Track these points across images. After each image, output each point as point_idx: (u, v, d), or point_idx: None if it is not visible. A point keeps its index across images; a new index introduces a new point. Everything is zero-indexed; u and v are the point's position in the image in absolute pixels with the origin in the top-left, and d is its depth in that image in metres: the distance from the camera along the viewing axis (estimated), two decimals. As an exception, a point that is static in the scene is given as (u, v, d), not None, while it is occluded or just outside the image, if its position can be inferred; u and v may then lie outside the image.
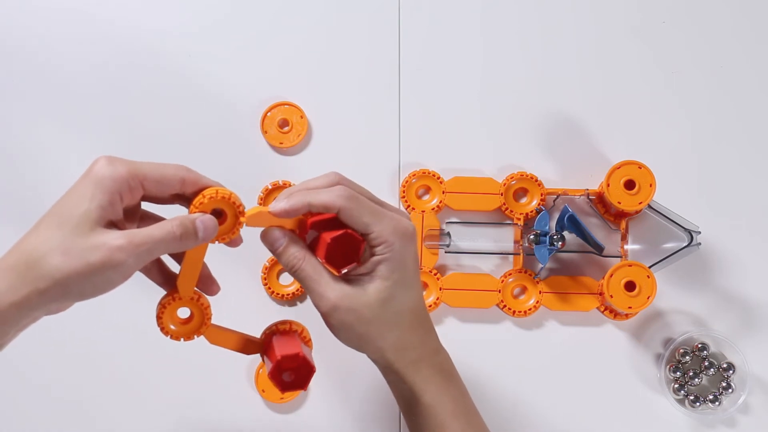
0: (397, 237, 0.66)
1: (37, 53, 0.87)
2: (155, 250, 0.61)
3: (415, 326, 0.69)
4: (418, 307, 0.68)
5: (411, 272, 0.67)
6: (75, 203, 0.60)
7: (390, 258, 0.65)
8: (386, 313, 0.67)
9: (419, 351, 0.68)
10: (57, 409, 0.83)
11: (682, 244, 0.81)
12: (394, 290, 0.67)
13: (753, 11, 0.88)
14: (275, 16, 0.88)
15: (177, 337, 0.71)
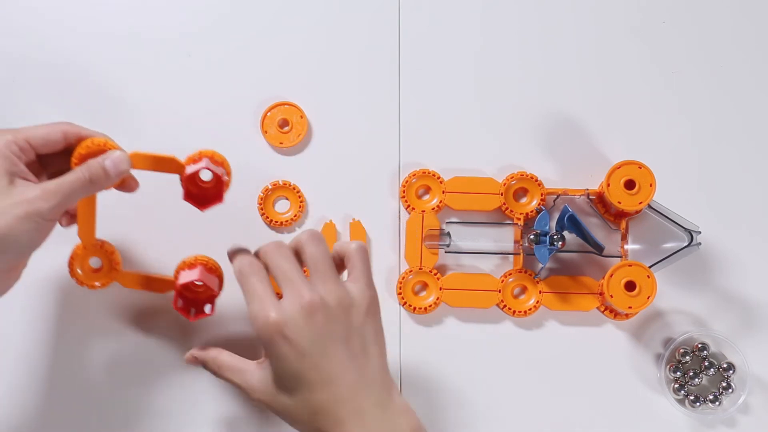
0: (255, 319, 0.66)
1: (35, 52, 0.87)
2: (71, 195, 0.67)
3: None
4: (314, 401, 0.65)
5: (294, 372, 0.65)
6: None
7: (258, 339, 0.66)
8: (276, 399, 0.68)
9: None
10: (53, 406, 0.83)
11: (682, 244, 0.81)
12: (277, 382, 0.67)
13: (753, 11, 0.88)
14: (275, 16, 0.88)
15: (91, 284, 0.79)
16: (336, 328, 0.66)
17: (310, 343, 0.65)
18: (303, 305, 0.65)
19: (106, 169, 0.69)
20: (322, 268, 0.67)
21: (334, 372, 0.65)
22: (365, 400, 0.66)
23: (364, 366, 0.66)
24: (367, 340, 0.67)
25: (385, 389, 0.67)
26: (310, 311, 0.65)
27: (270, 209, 0.85)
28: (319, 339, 0.65)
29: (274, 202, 0.85)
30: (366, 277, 0.69)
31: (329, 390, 0.65)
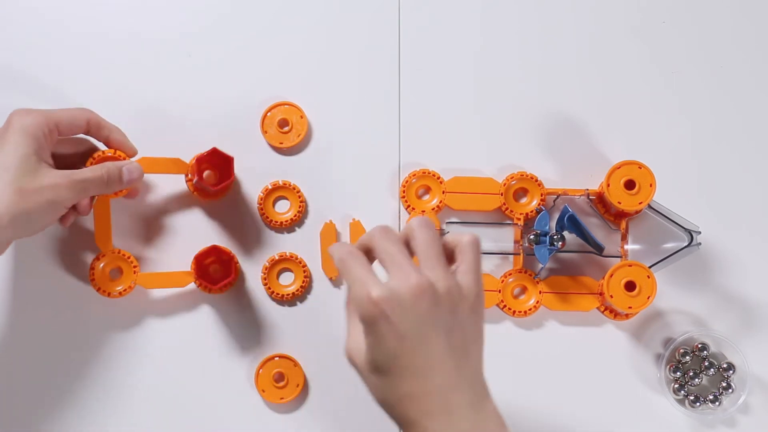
0: (357, 297, 0.61)
1: (35, 52, 0.87)
2: (89, 189, 0.74)
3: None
4: (416, 384, 0.62)
5: (389, 353, 0.61)
6: (10, 149, 0.71)
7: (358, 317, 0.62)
8: (375, 380, 0.64)
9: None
10: (52, 411, 0.83)
11: (682, 244, 0.81)
12: (373, 357, 0.63)
13: (753, 11, 0.88)
14: (275, 16, 0.88)
15: (114, 291, 0.81)
16: (440, 317, 0.61)
17: (411, 326, 0.60)
18: (410, 286, 0.60)
19: (122, 175, 0.76)
20: (433, 254, 0.63)
21: (431, 362, 0.61)
22: (457, 398, 0.62)
23: (461, 362, 0.63)
24: (469, 337, 0.64)
25: (478, 391, 0.65)
26: (417, 293, 0.60)
27: (270, 209, 0.85)
28: (421, 324, 0.61)
29: (274, 202, 0.85)
30: (476, 272, 0.64)
31: (422, 380, 0.62)
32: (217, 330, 0.84)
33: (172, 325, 0.84)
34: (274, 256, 0.84)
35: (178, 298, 0.84)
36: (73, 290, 0.84)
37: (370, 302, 0.60)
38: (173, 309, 0.84)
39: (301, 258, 0.84)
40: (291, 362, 0.83)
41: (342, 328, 0.83)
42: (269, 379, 0.82)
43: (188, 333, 0.84)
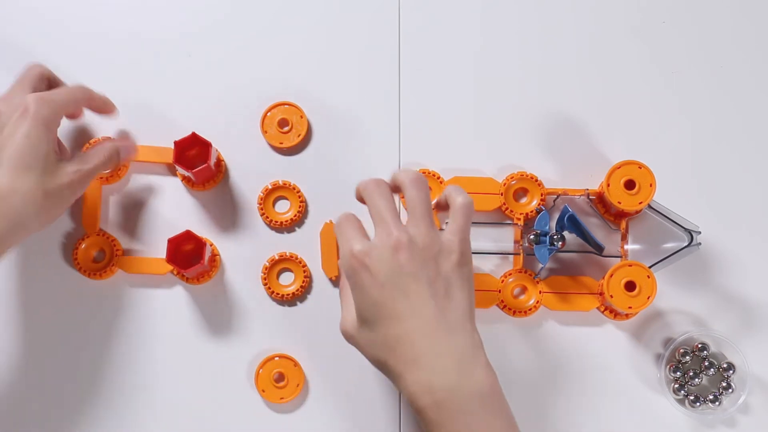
0: (341, 253, 0.69)
1: (35, 52, 0.87)
2: (94, 172, 0.77)
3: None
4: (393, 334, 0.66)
5: (372, 302, 0.66)
6: (32, 145, 0.71)
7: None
8: (360, 332, 0.69)
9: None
10: (54, 411, 0.83)
11: (682, 244, 0.81)
12: (357, 310, 0.68)
13: (753, 11, 0.88)
14: (275, 16, 0.88)
15: (95, 273, 0.83)
16: (420, 269, 0.66)
17: (390, 273, 0.66)
18: (389, 241, 0.66)
19: (120, 154, 0.80)
20: (419, 212, 0.68)
21: (413, 306, 0.66)
22: (444, 342, 0.65)
23: (446, 308, 0.66)
24: (453, 286, 0.67)
25: (467, 339, 0.67)
26: (395, 247, 0.66)
27: (270, 209, 0.85)
28: (400, 273, 0.66)
29: (274, 202, 0.85)
30: (462, 232, 0.69)
31: (406, 324, 0.65)
32: (216, 330, 0.84)
33: (171, 324, 0.84)
34: (274, 256, 0.84)
35: (178, 298, 0.84)
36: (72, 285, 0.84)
37: (352, 255, 0.67)
38: (173, 309, 0.84)
39: (301, 258, 0.84)
40: (291, 362, 0.83)
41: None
42: (269, 379, 0.82)
43: (188, 333, 0.84)
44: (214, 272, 0.84)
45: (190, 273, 0.82)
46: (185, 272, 0.82)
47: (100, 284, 0.84)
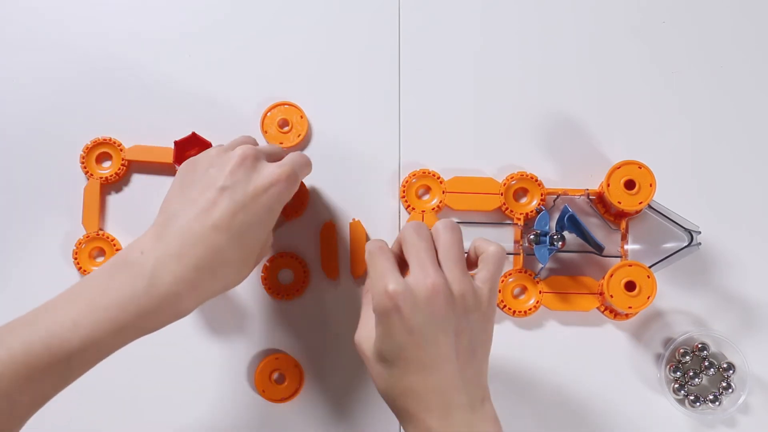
0: (375, 290, 0.65)
1: (35, 52, 0.87)
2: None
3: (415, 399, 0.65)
4: (415, 379, 0.65)
5: (399, 335, 0.64)
6: (265, 226, 0.69)
7: (373, 308, 0.66)
8: (380, 369, 0.67)
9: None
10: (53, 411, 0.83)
11: (682, 244, 0.81)
12: (380, 347, 0.66)
13: (753, 11, 0.88)
14: (275, 16, 0.88)
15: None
16: (451, 318, 0.64)
17: (422, 322, 0.63)
18: (426, 284, 0.63)
19: (310, 162, 0.75)
20: (454, 256, 0.66)
21: (436, 360, 0.64)
22: (457, 398, 0.64)
23: (466, 364, 0.65)
24: (476, 341, 0.66)
25: (479, 393, 0.66)
26: (432, 292, 0.63)
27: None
28: (431, 321, 0.63)
29: (274, 202, 0.85)
30: (493, 281, 0.67)
31: (425, 376, 0.64)
32: (216, 329, 0.84)
33: (171, 325, 0.84)
34: (274, 256, 0.84)
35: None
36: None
37: (386, 294, 0.63)
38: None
39: (302, 258, 0.84)
40: (291, 361, 0.83)
41: (341, 326, 0.84)
42: (269, 379, 0.82)
43: (187, 332, 0.84)
44: None
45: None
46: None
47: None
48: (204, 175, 0.68)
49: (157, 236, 0.66)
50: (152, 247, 0.65)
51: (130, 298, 0.63)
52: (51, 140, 0.86)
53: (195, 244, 0.65)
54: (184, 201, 0.67)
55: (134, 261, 0.65)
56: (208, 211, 0.66)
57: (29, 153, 0.86)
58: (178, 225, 0.66)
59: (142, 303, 0.63)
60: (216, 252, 0.65)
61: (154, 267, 0.64)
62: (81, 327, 0.62)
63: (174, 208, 0.67)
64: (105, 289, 0.63)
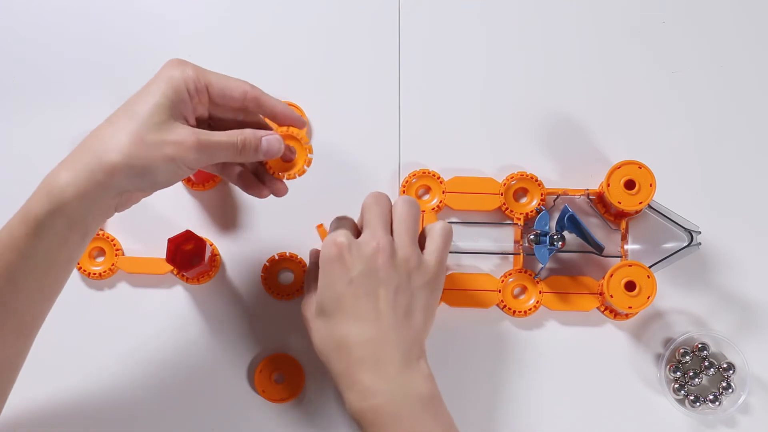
0: (326, 241, 0.69)
1: (35, 54, 0.87)
2: (217, 153, 0.67)
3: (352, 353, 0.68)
4: (354, 332, 0.67)
5: (339, 284, 0.67)
6: (146, 97, 0.66)
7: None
8: (317, 323, 0.70)
9: (366, 393, 0.67)
10: (53, 410, 0.83)
11: (682, 244, 0.81)
12: (320, 298, 0.69)
13: (754, 11, 0.88)
14: (276, 17, 0.88)
15: (95, 273, 0.84)
16: (393, 276, 0.68)
17: (361, 272, 0.67)
18: (372, 243, 0.68)
19: (260, 145, 0.69)
20: (406, 227, 0.70)
21: (373, 312, 0.67)
22: (390, 352, 0.67)
23: (403, 323, 0.68)
24: (416, 305, 0.69)
25: (414, 352, 0.68)
26: (375, 250, 0.68)
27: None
28: (371, 275, 0.67)
29: (274, 202, 0.85)
30: (439, 254, 0.71)
31: (361, 327, 0.67)
32: (216, 330, 0.84)
33: (171, 324, 0.84)
34: (274, 256, 0.84)
35: (178, 298, 0.84)
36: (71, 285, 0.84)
37: (333, 244, 0.68)
38: (173, 308, 0.84)
39: (301, 258, 0.84)
40: (291, 362, 0.83)
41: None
42: (269, 379, 0.82)
43: (188, 333, 0.84)
44: (214, 272, 0.84)
45: (190, 273, 0.82)
46: (185, 272, 0.82)
47: (100, 284, 0.84)
48: None
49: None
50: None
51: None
52: (51, 140, 0.86)
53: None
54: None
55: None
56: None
57: (30, 153, 0.86)
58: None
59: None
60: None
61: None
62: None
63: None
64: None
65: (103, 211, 0.65)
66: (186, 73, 0.66)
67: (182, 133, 0.65)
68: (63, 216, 0.62)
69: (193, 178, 0.84)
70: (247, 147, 0.68)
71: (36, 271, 0.64)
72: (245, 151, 0.68)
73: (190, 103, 0.67)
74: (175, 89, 0.66)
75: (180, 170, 0.66)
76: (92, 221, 0.65)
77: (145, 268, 0.84)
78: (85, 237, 0.65)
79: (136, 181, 0.64)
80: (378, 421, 0.66)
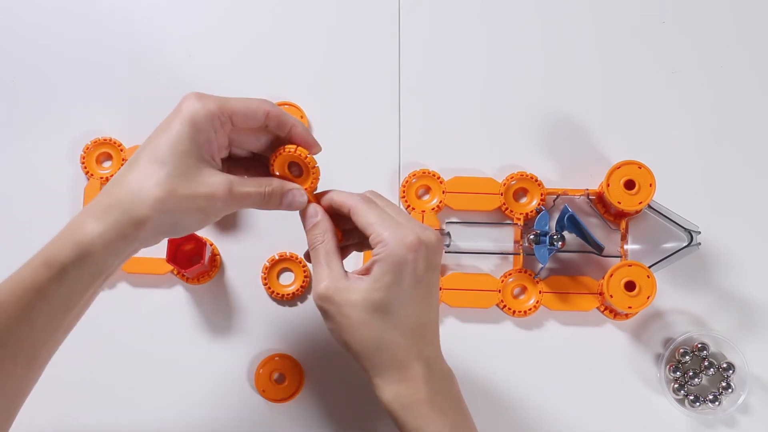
0: (395, 240, 0.64)
1: (36, 55, 0.87)
2: (245, 203, 0.66)
3: (408, 348, 0.66)
4: (415, 327, 0.66)
5: (408, 283, 0.65)
6: (171, 141, 0.63)
7: (383, 259, 0.64)
8: (370, 319, 0.65)
9: (412, 388, 0.66)
10: (53, 410, 0.83)
11: (682, 244, 0.81)
12: (384, 296, 0.65)
13: (753, 11, 0.88)
14: (276, 16, 0.88)
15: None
16: (438, 268, 0.68)
17: (426, 271, 0.66)
18: (432, 236, 0.66)
19: (283, 199, 0.68)
20: (406, 214, 0.69)
21: (430, 309, 0.67)
22: (436, 344, 0.68)
23: (429, 310, 0.67)
24: (433, 290, 0.68)
25: (437, 342, 0.69)
26: (435, 245, 0.66)
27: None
28: (434, 271, 0.67)
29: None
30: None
31: (419, 324, 0.67)
32: (217, 330, 0.84)
33: (171, 324, 0.84)
34: (274, 256, 0.84)
35: (178, 298, 0.84)
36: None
37: (405, 245, 0.64)
38: (173, 309, 0.84)
39: (301, 258, 0.84)
40: (291, 362, 0.83)
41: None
42: (269, 379, 0.82)
43: (188, 333, 0.84)
44: (214, 272, 0.84)
45: (190, 273, 0.82)
46: (185, 272, 0.82)
47: (100, 284, 0.84)
48: None
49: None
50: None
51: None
52: (52, 140, 0.86)
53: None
54: None
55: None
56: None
57: (30, 153, 0.86)
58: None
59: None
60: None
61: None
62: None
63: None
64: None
65: (128, 256, 0.65)
66: (208, 108, 0.64)
67: (214, 183, 0.63)
68: (89, 265, 0.62)
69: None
70: (273, 198, 0.67)
71: (56, 313, 0.63)
72: (270, 201, 0.67)
73: (216, 142, 0.65)
74: (201, 130, 0.63)
75: (207, 219, 0.65)
76: (116, 267, 0.65)
77: (145, 268, 0.84)
78: (107, 280, 0.65)
79: (164, 232, 0.64)
80: (405, 416, 0.66)
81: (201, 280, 0.84)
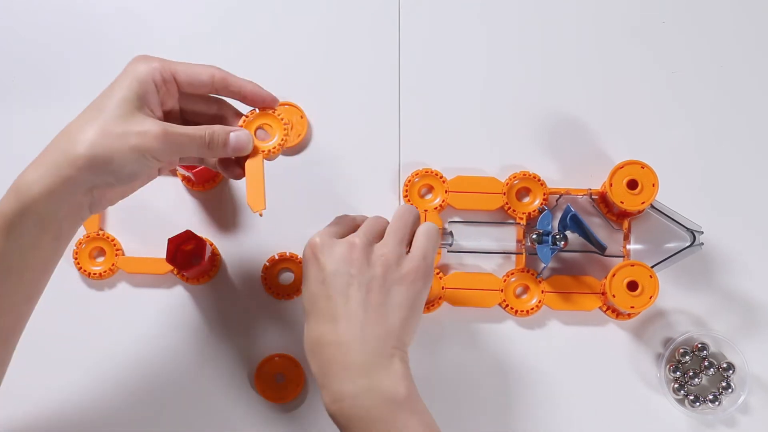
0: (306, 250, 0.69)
1: (35, 54, 0.87)
2: (185, 147, 0.66)
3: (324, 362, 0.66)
4: (321, 341, 0.66)
5: (311, 295, 0.67)
6: (112, 92, 0.65)
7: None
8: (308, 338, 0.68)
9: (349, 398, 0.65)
10: (54, 410, 0.83)
11: (684, 244, 0.81)
12: (302, 303, 0.68)
13: (753, 11, 0.88)
14: (276, 17, 0.88)
15: (95, 273, 0.83)
16: (364, 273, 0.67)
17: (333, 271, 0.67)
18: (347, 242, 0.68)
19: (228, 140, 0.68)
20: (393, 229, 0.70)
21: (342, 311, 0.66)
22: (358, 352, 0.65)
23: (373, 321, 0.66)
24: (391, 302, 0.67)
25: (386, 351, 0.66)
26: (349, 246, 0.67)
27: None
28: (343, 272, 0.66)
29: (275, 202, 0.85)
30: (422, 250, 0.69)
31: (330, 326, 0.66)
32: (216, 330, 0.84)
33: (171, 324, 0.84)
34: (274, 256, 0.84)
35: (178, 298, 0.84)
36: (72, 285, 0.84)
37: (309, 245, 0.69)
38: (173, 309, 0.84)
39: (302, 258, 0.84)
40: (291, 362, 0.83)
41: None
42: (269, 379, 0.82)
43: (188, 333, 0.84)
44: (214, 272, 0.84)
45: (190, 273, 0.82)
46: (185, 272, 0.81)
47: (100, 284, 0.84)
48: None
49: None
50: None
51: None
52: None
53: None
54: None
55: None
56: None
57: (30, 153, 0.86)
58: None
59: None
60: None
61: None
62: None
63: None
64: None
65: (75, 210, 0.65)
66: (151, 65, 0.67)
67: (147, 123, 0.64)
68: (32, 214, 0.62)
69: (194, 178, 0.83)
70: (215, 141, 0.67)
71: (10, 273, 0.64)
72: (213, 145, 0.67)
73: (157, 95, 0.67)
74: (141, 82, 0.66)
75: (148, 162, 0.65)
76: (64, 221, 0.64)
77: (145, 268, 0.83)
78: (58, 239, 0.65)
79: (102, 174, 0.64)
80: (348, 424, 0.64)
81: (201, 280, 0.83)
